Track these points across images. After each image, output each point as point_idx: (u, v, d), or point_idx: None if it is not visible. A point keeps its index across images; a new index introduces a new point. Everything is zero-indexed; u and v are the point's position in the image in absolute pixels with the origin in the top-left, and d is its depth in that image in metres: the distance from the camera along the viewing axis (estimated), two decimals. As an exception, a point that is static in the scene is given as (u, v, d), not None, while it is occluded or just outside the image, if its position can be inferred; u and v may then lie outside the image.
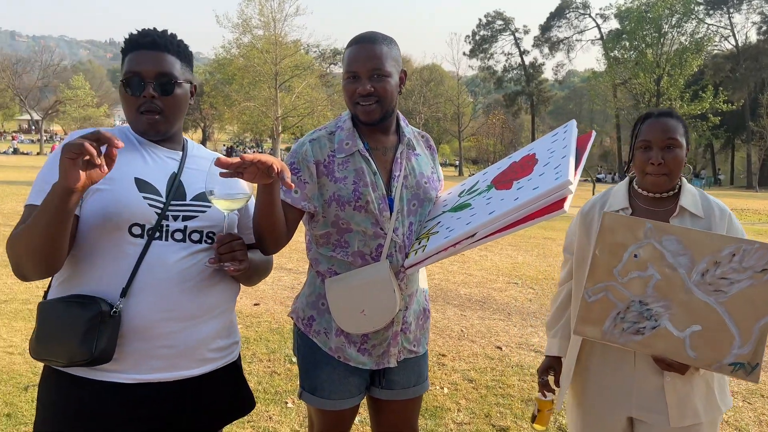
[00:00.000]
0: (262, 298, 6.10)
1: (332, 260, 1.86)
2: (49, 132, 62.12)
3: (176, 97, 1.62)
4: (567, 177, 1.49)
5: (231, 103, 38.24)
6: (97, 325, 1.44)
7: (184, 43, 1.68)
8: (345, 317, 1.81)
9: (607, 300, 1.75)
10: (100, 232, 1.51)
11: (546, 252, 9.46)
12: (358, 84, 1.78)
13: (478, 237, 1.63)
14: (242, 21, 35.84)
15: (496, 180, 1.83)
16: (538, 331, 5.34)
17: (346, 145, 1.83)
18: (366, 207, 1.79)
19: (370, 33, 1.83)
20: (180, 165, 1.66)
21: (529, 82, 59.37)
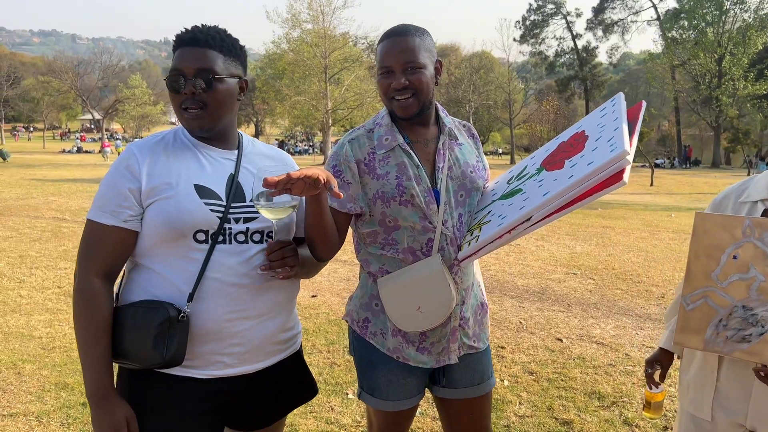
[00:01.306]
0: (319, 289, 6.17)
1: (382, 259, 1.82)
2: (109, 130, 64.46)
3: (218, 92, 1.59)
4: (623, 147, 1.43)
5: (282, 98, 38.69)
6: (167, 330, 1.48)
7: (231, 38, 1.65)
8: (401, 316, 1.78)
9: (708, 307, 1.63)
10: (165, 240, 1.54)
11: (605, 241, 9.22)
12: (392, 78, 1.74)
13: (534, 220, 1.57)
14: (291, 15, 36.16)
15: (545, 162, 1.76)
16: (599, 322, 5.22)
17: (386, 140, 1.80)
18: (412, 201, 1.75)
19: (401, 26, 1.78)
20: (236, 166, 1.67)
21: (582, 66, 57.78)
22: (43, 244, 8.25)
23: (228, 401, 1.63)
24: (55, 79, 54.21)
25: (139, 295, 1.57)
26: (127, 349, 1.52)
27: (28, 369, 3.98)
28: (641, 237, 9.85)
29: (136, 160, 1.57)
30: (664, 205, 14.38)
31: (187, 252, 1.55)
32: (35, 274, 6.59)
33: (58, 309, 5.33)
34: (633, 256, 8.15)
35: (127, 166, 1.56)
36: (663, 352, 2.02)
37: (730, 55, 40.59)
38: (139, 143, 1.64)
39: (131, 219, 1.56)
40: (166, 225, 1.52)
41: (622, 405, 3.58)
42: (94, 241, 1.55)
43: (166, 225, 1.52)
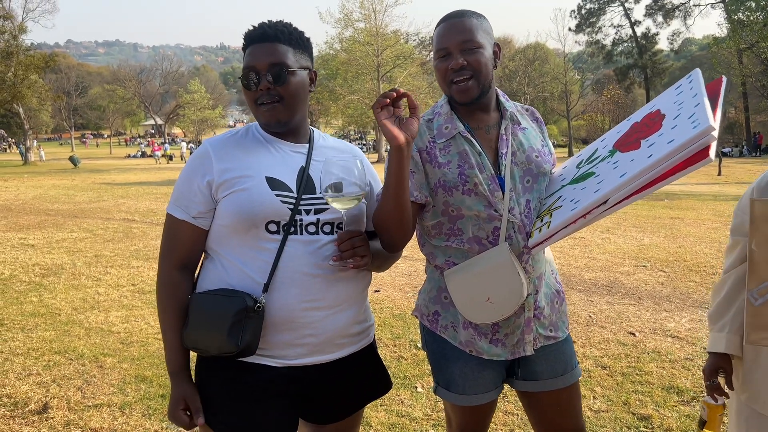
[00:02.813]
0: (382, 284, 6.20)
1: (448, 251, 1.78)
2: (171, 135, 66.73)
3: (292, 85, 1.62)
4: (708, 122, 1.33)
5: (336, 98, 39.12)
6: (243, 319, 1.51)
7: (298, 30, 1.68)
8: (471, 308, 1.73)
9: None
10: (238, 230, 1.58)
11: (675, 233, 8.88)
12: (450, 60, 1.69)
13: (611, 203, 1.48)
14: (344, 15, 36.53)
15: (618, 143, 1.67)
16: (673, 315, 5.03)
17: (446, 129, 1.76)
18: (475, 189, 1.70)
19: (460, 10, 1.75)
20: (307, 159, 1.69)
21: (642, 54, 55.87)
22: (116, 244, 8.62)
23: (301, 391, 1.65)
24: (120, 87, 56.62)
25: (214, 283, 1.61)
26: (203, 336, 1.55)
27: (110, 362, 4.16)
28: (712, 228, 9.44)
29: (209, 155, 1.62)
30: (735, 194, 13.74)
31: (260, 242, 1.57)
32: (110, 272, 6.88)
33: (134, 305, 5.55)
34: (705, 248, 7.82)
35: (201, 162, 1.62)
36: (722, 357, 1.89)
37: (803, 35, 38.36)
38: (213, 139, 1.70)
39: (201, 216, 1.61)
40: (238, 215, 1.56)
41: (704, 400, 3.43)
42: (170, 234, 1.64)
43: (238, 215, 1.56)
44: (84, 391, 3.71)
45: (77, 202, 14.30)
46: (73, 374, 3.96)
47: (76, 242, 8.80)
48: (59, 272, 6.88)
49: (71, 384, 3.81)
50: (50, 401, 3.55)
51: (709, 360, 1.92)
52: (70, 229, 10.06)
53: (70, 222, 10.88)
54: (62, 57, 71.87)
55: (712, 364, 1.91)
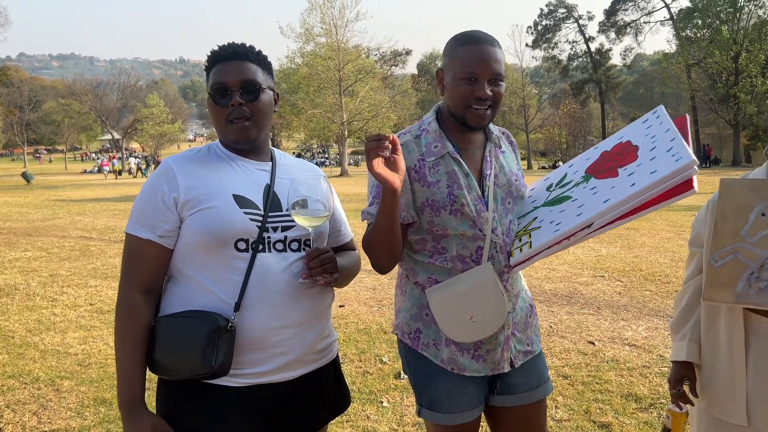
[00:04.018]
0: (347, 299, 6.19)
1: (430, 268, 1.77)
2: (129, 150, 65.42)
3: (262, 103, 1.65)
4: (691, 157, 1.46)
5: (298, 112, 39.03)
6: (216, 340, 1.50)
7: (263, 53, 1.73)
8: (453, 326, 1.73)
9: (737, 261, 1.67)
10: (207, 249, 1.56)
11: (631, 243, 9.13)
12: (477, 86, 1.69)
13: (595, 227, 1.57)
14: (305, 30, 36.57)
15: (591, 170, 1.75)
16: (631, 324, 5.17)
17: (435, 147, 1.75)
18: (462, 210, 1.71)
19: (485, 34, 1.76)
20: (272, 176, 1.69)
21: (596, 69, 57.48)
22: (72, 263, 8.39)
23: (269, 409, 1.64)
24: (75, 101, 55.22)
25: (181, 306, 1.59)
26: (174, 360, 1.53)
27: (67, 385, 4.04)
28: (666, 237, 9.74)
29: (173, 172, 1.60)
30: (687, 205, 14.21)
31: (229, 261, 1.57)
32: (67, 292, 6.70)
33: (92, 326, 5.41)
34: (660, 257, 8.06)
35: (166, 179, 1.60)
36: (685, 366, 1.95)
37: (747, 52, 40.11)
38: (175, 157, 1.68)
39: (167, 235, 1.58)
40: (207, 234, 1.55)
41: (660, 406, 3.54)
42: (133, 256, 1.59)
43: (207, 234, 1.55)
44: (40, 416, 3.59)
45: (31, 220, 13.87)
46: (28, 399, 3.84)
47: (30, 261, 8.53)
48: (12, 293, 6.66)
49: (26, 409, 3.69)
50: (4, 427, 3.43)
51: (673, 369, 1.98)
52: (23, 248, 9.75)
53: (24, 240, 10.55)
54: (14, 70, 69.83)
55: (676, 373, 1.96)
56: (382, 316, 5.61)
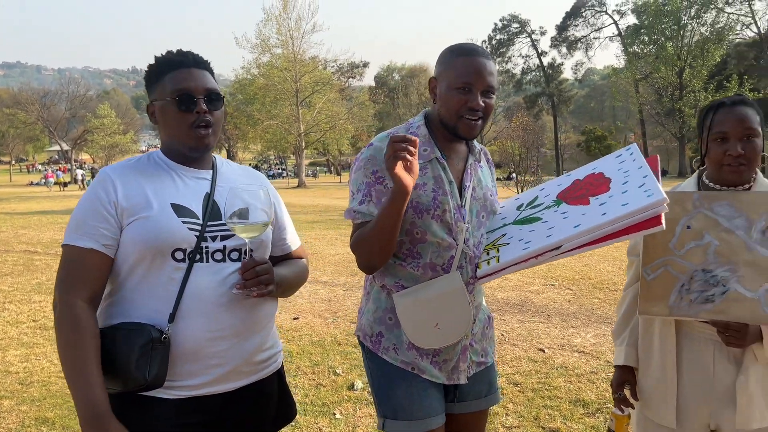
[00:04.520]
0: (301, 311, 6.15)
1: (400, 272, 1.78)
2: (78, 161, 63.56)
3: (221, 112, 1.69)
4: (662, 195, 1.52)
5: (254, 123, 38.73)
6: (149, 352, 1.48)
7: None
8: (418, 332, 1.75)
9: (668, 274, 1.74)
10: (144, 259, 1.55)
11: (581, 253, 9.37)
12: (471, 97, 1.72)
13: (564, 249, 1.61)
14: (261, 41, 36.39)
15: (563, 195, 1.80)
16: (579, 331, 5.30)
17: (424, 151, 1.78)
18: (443, 216, 1.74)
19: (479, 46, 1.79)
20: (212, 185, 1.69)
21: (548, 82, 58.97)
22: (15, 278, 8.08)
23: (207, 421, 1.62)
24: (21, 111, 53.38)
25: (117, 317, 1.57)
26: (106, 373, 1.50)
27: (6, 405, 3.89)
28: (615, 246, 10.02)
29: (112, 181, 1.58)
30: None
31: (166, 271, 1.55)
32: (8, 308, 6.44)
33: (35, 343, 5.22)
34: (608, 266, 8.29)
35: (104, 188, 1.57)
36: (626, 370, 2.02)
37: (690, 67, 41.86)
38: (114, 166, 1.66)
39: (109, 243, 1.56)
40: (145, 243, 1.53)
41: (606, 411, 3.63)
42: (74, 266, 1.54)
43: (145, 243, 1.53)
44: (-23, 438, 3.45)
45: (-28, 234, 13.29)
46: (-36, 420, 3.68)
47: (-30, 277, 8.18)
48: (-50, 310, 6.37)
49: (-38, 431, 3.53)
50: (-63, 451, 3.27)
51: (615, 373, 2.05)
52: (-38, 263, 9.34)
53: (-37, 255, 10.10)
54: (-44, 79, 66.98)
55: (617, 378, 2.03)
56: (337, 327, 5.59)
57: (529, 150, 28.53)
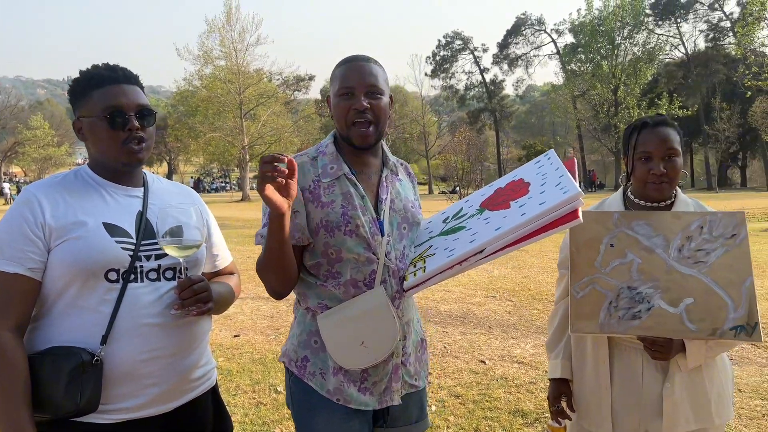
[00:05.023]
0: (242, 329, 6.03)
1: (322, 293, 1.74)
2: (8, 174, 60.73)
3: (154, 128, 1.68)
4: (577, 190, 1.54)
5: (196, 135, 38.03)
6: (80, 376, 1.44)
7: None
8: (343, 352, 1.70)
9: (596, 292, 1.79)
10: (76, 280, 1.51)
11: (521, 264, 9.58)
12: (354, 100, 1.71)
13: (486, 253, 1.61)
14: (203, 53, 35.85)
15: (485, 204, 1.81)
16: (519, 342, 5.40)
17: (331, 169, 1.76)
18: (357, 231, 1.71)
19: (361, 54, 1.80)
20: (144, 202, 1.66)
21: (491, 98, 60.37)
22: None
23: None
24: (-54, 121, 50.68)
25: (46, 342, 1.51)
26: (38, 400, 1.45)
27: None
28: (553, 258, 10.29)
29: (38, 201, 1.53)
30: (574, 227, 15.12)
31: (99, 292, 1.52)
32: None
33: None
34: (547, 277, 8.50)
35: (29, 208, 1.52)
36: (562, 383, 2.06)
37: (624, 85, 43.72)
38: (38, 184, 1.61)
39: (36, 267, 1.50)
40: (77, 265, 1.49)
41: (544, 420, 3.70)
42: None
43: (77, 265, 1.49)
44: None
45: None
46: None
47: None
48: None
49: None
50: None
51: (551, 386, 2.09)
52: None
53: None
54: None
55: (554, 390, 2.07)
56: (279, 344, 5.50)
57: (473, 164, 29.09)
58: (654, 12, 49.78)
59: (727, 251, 1.73)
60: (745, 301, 1.69)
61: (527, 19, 59.31)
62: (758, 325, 1.67)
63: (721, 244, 1.74)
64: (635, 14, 44.09)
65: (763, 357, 4.79)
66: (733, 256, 1.73)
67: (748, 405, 3.84)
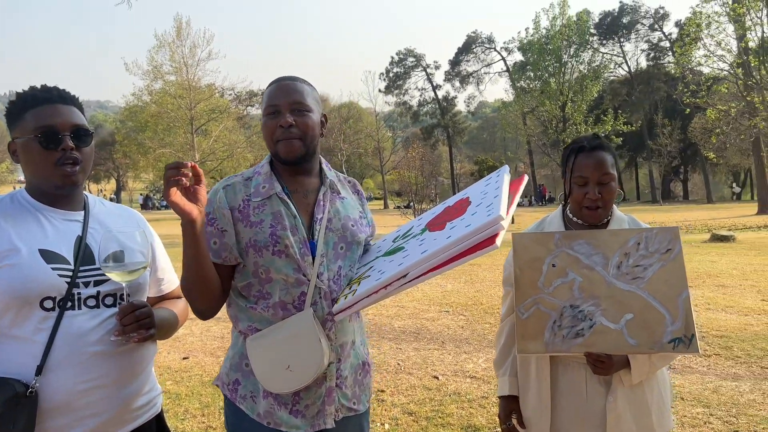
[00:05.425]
0: (191, 350, 5.88)
1: (253, 315, 1.73)
2: (-55, 192, 57.98)
3: (90, 149, 1.63)
4: (498, 212, 1.48)
5: (145, 151, 37.19)
6: (13, 408, 1.38)
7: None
8: (269, 376, 1.67)
9: (540, 312, 1.81)
10: (8, 310, 1.46)
11: (474, 278, 9.68)
12: (280, 118, 1.73)
13: (410, 277, 1.56)
14: (153, 68, 35.18)
15: (430, 223, 1.79)
16: (472, 357, 5.43)
17: (263, 188, 1.76)
18: (286, 251, 1.69)
19: (289, 75, 1.82)
20: (84, 227, 1.62)
21: (443, 114, 61.21)
22: None
23: None
24: None
25: None
26: None
27: None
28: (506, 272, 10.44)
29: None
30: (525, 240, 15.41)
31: (33, 321, 1.46)
32: None
33: None
34: (499, 291, 8.60)
35: None
36: (511, 400, 2.09)
37: (572, 102, 45.04)
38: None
39: None
40: (9, 294, 1.44)
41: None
42: None
43: (9, 294, 1.44)
44: None
45: None
46: None
47: None
48: None
49: None
50: None
51: (501, 404, 2.11)
52: None
53: None
54: None
55: (504, 408, 2.09)
56: (230, 364, 5.38)
57: (428, 179, 29.36)
58: (598, 31, 51.67)
59: (663, 266, 1.78)
60: (682, 313, 1.73)
61: (478, 38, 60.60)
62: (695, 336, 1.72)
63: (657, 259, 1.79)
64: (581, 33, 45.61)
65: (704, 365, 4.96)
66: (668, 271, 1.78)
67: (690, 413, 3.96)
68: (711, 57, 26.21)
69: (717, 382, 4.51)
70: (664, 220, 24.93)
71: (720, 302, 7.19)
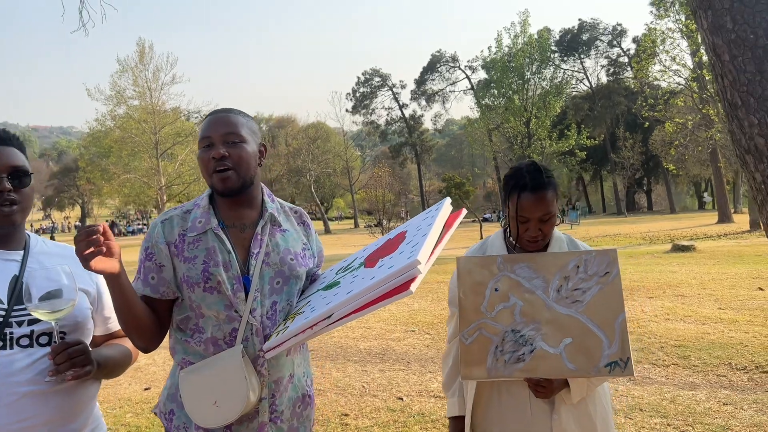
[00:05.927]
0: (153, 381, 5.77)
1: (188, 348, 1.73)
2: None
3: (31, 189, 1.63)
4: (416, 257, 1.39)
5: (109, 177, 36.64)
6: None
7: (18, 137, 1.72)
8: (197, 410, 1.67)
9: (483, 337, 1.81)
10: None
11: (440, 296, 9.70)
12: (213, 150, 1.72)
13: (334, 318, 1.49)
14: (115, 93, 34.82)
15: (368, 258, 1.71)
16: (437, 376, 5.44)
17: (199, 223, 1.75)
18: (218, 288, 1.68)
19: (225, 107, 1.83)
20: (21, 266, 1.62)
21: (411, 133, 61.77)
22: None
23: None
24: None
25: None
26: None
27: None
28: (473, 289, 10.49)
29: None
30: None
31: None
32: None
33: None
34: (466, 308, 8.65)
35: None
36: (460, 421, 2.09)
37: (536, 118, 45.83)
38: None
39: None
40: None
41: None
42: None
43: None
44: None
45: None
46: None
47: None
48: None
49: None
50: None
51: (450, 426, 2.12)
52: None
53: None
54: None
55: (453, 429, 2.10)
56: (192, 394, 5.29)
57: (398, 197, 29.48)
58: (559, 48, 52.99)
59: (601, 289, 1.79)
60: (618, 337, 1.75)
61: (442, 56, 61.49)
62: (630, 360, 1.73)
63: (596, 282, 1.80)
64: (542, 51, 46.58)
65: (662, 375, 5.06)
66: (606, 294, 1.79)
67: (649, 423, 4.03)
68: (667, 72, 26.99)
69: (675, 392, 4.60)
70: (629, 231, 25.46)
71: (679, 312, 7.35)
